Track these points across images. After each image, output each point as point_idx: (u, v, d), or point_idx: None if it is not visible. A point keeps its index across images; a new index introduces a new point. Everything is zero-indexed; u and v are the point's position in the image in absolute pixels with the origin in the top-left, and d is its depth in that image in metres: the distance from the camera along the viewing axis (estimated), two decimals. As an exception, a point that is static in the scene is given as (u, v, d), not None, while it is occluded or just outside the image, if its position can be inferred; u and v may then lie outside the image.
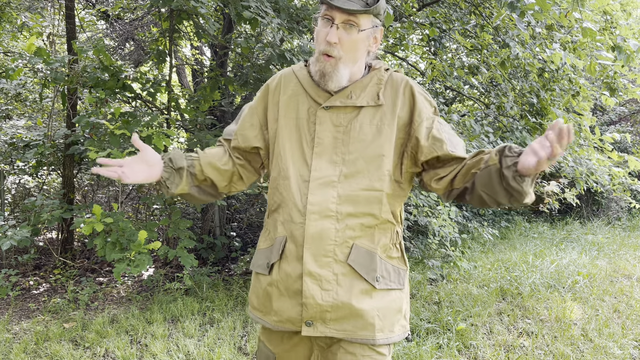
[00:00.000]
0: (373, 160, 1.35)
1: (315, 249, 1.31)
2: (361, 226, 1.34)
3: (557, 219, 9.14)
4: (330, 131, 1.37)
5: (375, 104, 1.38)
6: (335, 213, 1.32)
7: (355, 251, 1.32)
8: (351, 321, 1.32)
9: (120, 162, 1.36)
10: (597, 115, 9.94)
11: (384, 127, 1.37)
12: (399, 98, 1.40)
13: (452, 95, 6.96)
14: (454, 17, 4.56)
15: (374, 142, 1.36)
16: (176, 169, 1.42)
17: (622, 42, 3.18)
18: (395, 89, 1.41)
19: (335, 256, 1.32)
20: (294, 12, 4.01)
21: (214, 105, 5.10)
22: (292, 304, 1.35)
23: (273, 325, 1.39)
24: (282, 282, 1.36)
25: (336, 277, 1.32)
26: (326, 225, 1.31)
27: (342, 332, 1.33)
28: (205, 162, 1.46)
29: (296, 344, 1.41)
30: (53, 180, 6.43)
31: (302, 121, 1.40)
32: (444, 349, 3.24)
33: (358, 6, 1.31)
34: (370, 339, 1.32)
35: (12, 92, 5.90)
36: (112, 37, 6.67)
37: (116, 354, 3.16)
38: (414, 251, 5.76)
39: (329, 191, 1.33)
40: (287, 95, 1.44)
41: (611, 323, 3.77)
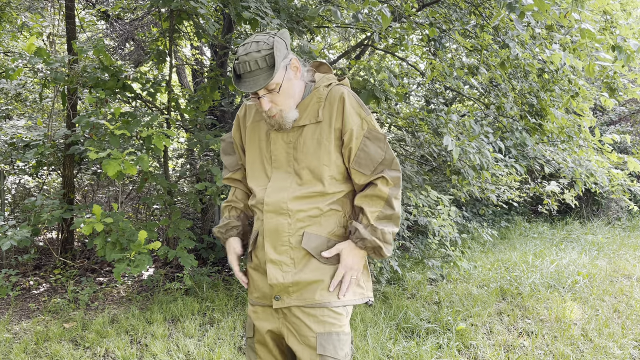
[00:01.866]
0: (315, 168, 1.65)
1: (273, 240, 1.65)
2: (309, 218, 1.64)
3: (557, 219, 9.14)
4: (283, 148, 1.69)
5: (315, 121, 1.67)
6: (286, 210, 1.63)
7: (306, 237, 1.64)
8: (309, 291, 1.63)
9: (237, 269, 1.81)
10: (597, 115, 9.94)
11: (322, 140, 1.66)
12: (334, 111, 1.66)
13: (452, 95, 6.96)
14: (453, 17, 4.56)
15: (315, 153, 1.65)
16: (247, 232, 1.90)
17: (622, 42, 3.19)
18: (331, 103, 1.67)
19: (290, 244, 1.64)
20: (293, 12, 4.01)
21: (214, 105, 5.10)
22: (264, 283, 1.69)
23: (254, 301, 1.75)
24: (257, 266, 1.73)
25: (293, 260, 1.64)
26: (280, 221, 1.64)
27: (302, 300, 1.63)
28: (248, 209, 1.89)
29: (269, 314, 1.71)
30: (53, 180, 6.43)
31: (262, 143, 1.74)
32: (444, 349, 3.24)
33: (262, 82, 1.55)
34: (327, 302, 1.63)
35: (12, 92, 5.91)
36: (112, 37, 6.67)
37: (116, 354, 3.16)
38: (414, 251, 5.76)
39: (281, 194, 1.65)
40: (250, 122, 1.78)
41: (611, 323, 3.78)
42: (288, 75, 1.62)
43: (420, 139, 4.70)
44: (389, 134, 6.38)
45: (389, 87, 3.82)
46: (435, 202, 4.60)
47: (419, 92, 7.30)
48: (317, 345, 1.59)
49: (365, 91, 3.73)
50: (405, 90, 4.52)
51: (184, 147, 6.65)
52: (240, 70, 1.57)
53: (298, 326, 1.63)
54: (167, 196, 4.49)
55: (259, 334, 1.74)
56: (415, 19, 4.37)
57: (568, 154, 5.03)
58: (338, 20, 3.75)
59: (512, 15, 3.25)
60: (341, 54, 5.75)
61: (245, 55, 1.55)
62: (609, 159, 4.98)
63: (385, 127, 6.24)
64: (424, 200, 4.40)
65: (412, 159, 5.30)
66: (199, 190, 4.52)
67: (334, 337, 1.61)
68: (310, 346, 1.60)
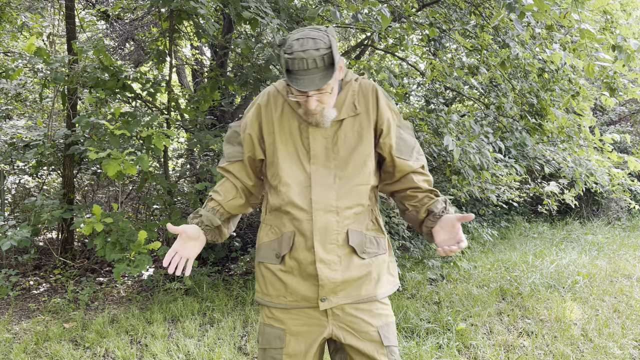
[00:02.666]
0: (359, 162, 1.63)
1: (323, 239, 1.59)
2: (354, 215, 1.63)
3: (557, 219, 9.14)
4: (321, 143, 1.63)
5: (354, 114, 1.65)
6: (335, 208, 1.60)
7: (351, 234, 1.62)
8: (354, 288, 1.62)
9: (173, 251, 1.61)
10: (597, 115, 9.94)
11: (363, 132, 1.65)
12: (370, 104, 1.66)
13: (452, 95, 6.96)
14: (453, 17, 4.56)
15: (358, 146, 1.64)
16: (215, 227, 1.70)
17: (622, 42, 3.18)
18: (365, 96, 1.67)
19: (337, 242, 1.61)
20: (293, 12, 4.02)
21: (214, 105, 5.10)
22: (307, 285, 1.62)
23: (288, 304, 1.64)
24: (296, 268, 1.62)
25: (340, 258, 1.61)
26: (329, 219, 1.59)
27: (350, 297, 1.62)
28: (228, 206, 1.73)
29: (310, 315, 1.64)
30: (53, 180, 6.43)
31: (295, 136, 1.65)
32: (444, 349, 3.24)
33: (318, 83, 1.48)
34: (373, 295, 1.64)
35: (12, 92, 5.91)
36: (112, 37, 6.67)
37: (116, 354, 3.16)
38: (414, 251, 5.75)
39: (328, 191, 1.60)
40: (278, 113, 1.67)
41: (611, 323, 3.78)
42: (338, 77, 1.59)
43: (420, 139, 4.70)
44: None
45: (389, 87, 3.82)
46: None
47: (419, 92, 7.31)
48: (382, 338, 1.61)
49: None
50: (405, 90, 4.52)
51: (184, 147, 6.66)
52: (295, 66, 1.47)
53: (356, 324, 1.62)
54: (167, 196, 4.49)
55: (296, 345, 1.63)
56: (415, 19, 4.37)
57: (568, 153, 5.02)
58: (338, 20, 3.75)
59: (512, 15, 3.25)
60: (341, 54, 5.75)
61: (302, 52, 1.46)
62: (609, 158, 4.98)
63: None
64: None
65: (412, 159, 5.29)
66: (199, 190, 4.52)
67: (391, 327, 1.66)
68: (374, 340, 1.61)
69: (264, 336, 1.68)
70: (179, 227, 1.60)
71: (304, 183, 1.62)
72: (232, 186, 1.73)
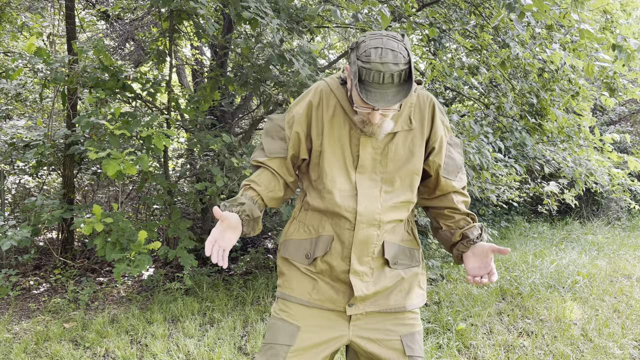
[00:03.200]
0: (407, 178, 1.59)
1: (360, 252, 1.55)
2: (392, 228, 1.60)
3: (556, 219, 9.14)
4: (370, 154, 1.56)
5: (408, 128, 1.58)
6: (378, 222, 1.55)
7: (387, 246, 1.58)
8: (382, 297, 1.59)
9: (213, 238, 1.47)
10: (597, 115, 9.94)
11: (415, 148, 1.59)
12: (425, 119, 1.59)
13: (452, 95, 6.96)
14: (453, 17, 4.56)
15: (408, 162, 1.58)
16: (254, 219, 1.57)
17: (622, 42, 3.18)
18: (422, 110, 1.60)
19: (373, 255, 1.57)
20: (293, 12, 4.01)
21: (214, 105, 5.10)
22: (335, 289, 1.58)
23: (311, 302, 1.58)
24: (327, 272, 1.59)
25: (372, 270, 1.58)
26: (371, 232, 1.55)
27: (378, 306, 1.58)
28: (268, 197, 1.62)
29: (331, 319, 1.58)
30: (53, 180, 6.43)
31: (344, 142, 1.57)
32: (444, 349, 3.24)
33: (391, 100, 1.38)
34: (402, 307, 1.60)
35: (12, 92, 5.90)
36: (112, 37, 6.67)
37: (116, 354, 3.16)
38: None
39: (374, 204, 1.55)
40: (329, 114, 1.58)
41: (611, 323, 3.78)
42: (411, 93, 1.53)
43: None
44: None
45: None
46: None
47: (419, 92, 7.29)
48: (404, 347, 1.56)
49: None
50: (405, 90, 4.51)
51: (184, 147, 6.65)
52: (369, 77, 1.36)
53: (378, 331, 1.57)
54: (167, 196, 4.49)
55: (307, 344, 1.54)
56: (415, 19, 4.37)
57: (568, 153, 5.03)
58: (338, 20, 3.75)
59: (512, 15, 3.25)
60: (341, 54, 5.75)
61: (381, 64, 1.35)
62: (609, 158, 4.98)
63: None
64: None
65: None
66: (199, 190, 4.52)
67: (417, 337, 1.60)
68: (396, 349, 1.56)
69: (273, 330, 1.58)
70: (225, 212, 1.48)
71: (349, 192, 1.56)
72: (273, 177, 1.62)
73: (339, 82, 1.59)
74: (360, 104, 1.44)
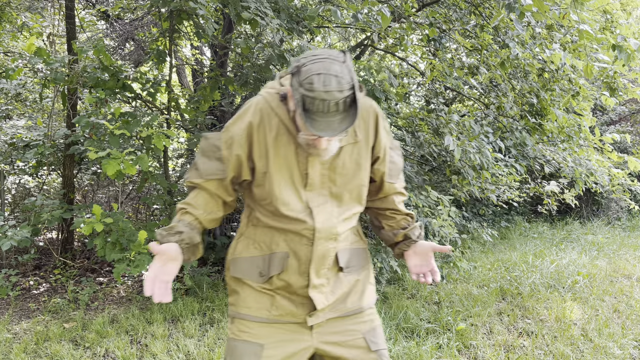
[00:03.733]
0: (355, 190, 1.58)
1: (318, 266, 1.55)
2: (345, 240, 1.61)
3: (557, 219, 9.14)
4: (318, 170, 1.53)
5: (354, 141, 1.56)
6: (335, 235, 1.55)
7: (340, 254, 1.60)
8: (341, 301, 1.61)
9: (153, 275, 1.43)
10: (597, 115, 9.93)
11: (361, 160, 1.57)
12: (370, 129, 1.58)
13: (452, 95, 6.96)
14: (453, 17, 4.56)
15: (355, 176, 1.57)
16: (195, 245, 1.52)
17: (622, 42, 3.18)
18: (365, 121, 1.58)
19: (328, 266, 1.58)
20: (293, 12, 4.01)
21: (214, 105, 5.10)
22: (294, 303, 1.57)
23: (271, 318, 1.55)
24: (284, 288, 1.57)
25: (328, 281, 1.59)
26: (329, 246, 1.55)
27: (337, 311, 1.60)
28: (206, 220, 1.56)
29: (293, 330, 1.56)
30: (53, 180, 6.43)
31: (291, 161, 1.51)
32: (444, 349, 3.24)
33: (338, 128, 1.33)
34: (359, 308, 1.63)
35: (12, 92, 5.90)
36: (112, 37, 6.67)
37: (116, 354, 3.16)
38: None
39: (330, 219, 1.54)
40: (272, 135, 1.50)
41: (611, 323, 3.78)
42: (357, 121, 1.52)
43: (420, 139, 4.70)
44: (389, 134, 6.37)
45: (389, 87, 3.82)
46: (436, 203, 4.60)
47: (419, 92, 7.31)
48: (368, 344, 1.58)
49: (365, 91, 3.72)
50: (405, 90, 4.52)
51: (184, 147, 6.65)
52: (313, 107, 1.30)
53: (341, 333, 1.59)
54: (167, 196, 4.49)
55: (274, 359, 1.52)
56: (415, 19, 4.37)
57: (568, 153, 5.02)
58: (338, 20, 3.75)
59: (512, 16, 3.25)
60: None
61: (325, 93, 1.29)
62: (609, 158, 4.98)
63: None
64: (424, 200, 4.40)
65: (412, 159, 5.30)
66: (199, 190, 4.51)
67: (378, 331, 1.64)
68: (361, 347, 1.58)
69: (235, 354, 1.52)
70: (162, 246, 1.43)
71: (302, 210, 1.51)
72: (210, 199, 1.55)
73: (279, 98, 1.50)
74: (306, 132, 1.40)
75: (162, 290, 1.43)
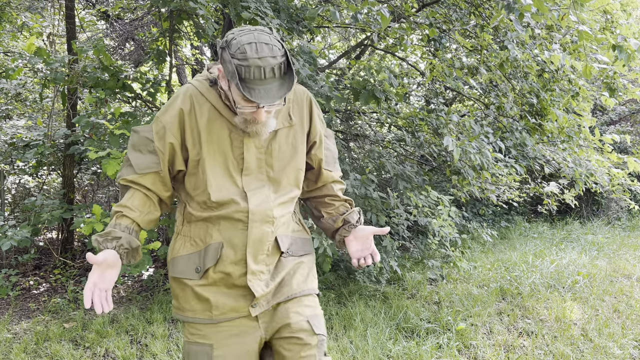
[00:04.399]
0: (292, 174, 1.60)
1: (255, 251, 1.53)
2: (284, 225, 1.61)
3: (557, 219, 9.14)
4: (254, 154, 1.53)
5: (289, 125, 1.58)
6: (272, 218, 1.54)
7: (281, 240, 1.59)
8: (285, 288, 1.58)
9: (92, 284, 1.41)
10: (597, 115, 9.93)
11: (297, 144, 1.60)
12: (304, 113, 1.62)
13: (452, 95, 6.96)
14: (453, 17, 4.56)
15: (292, 159, 1.59)
16: (134, 249, 1.50)
17: (622, 42, 3.18)
18: (300, 105, 1.61)
19: (267, 252, 1.56)
20: (293, 12, 4.01)
21: (214, 106, 5.09)
22: (234, 297, 1.54)
23: (214, 318, 1.52)
24: (222, 281, 1.53)
25: (268, 267, 1.57)
26: (265, 229, 1.53)
27: (281, 295, 1.57)
28: (144, 222, 1.54)
29: (240, 325, 1.54)
30: (53, 180, 6.43)
31: (225, 147, 1.51)
32: (444, 349, 3.24)
33: (276, 94, 1.34)
34: (303, 290, 1.61)
35: (12, 92, 5.90)
36: (112, 37, 6.67)
37: (116, 354, 3.16)
38: (413, 251, 5.76)
39: (266, 203, 1.54)
40: (204, 119, 1.49)
41: (611, 323, 3.78)
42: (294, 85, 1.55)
43: (420, 139, 4.70)
44: (389, 134, 6.38)
45: (389, 87, 3.82)
46: (436, 203, 4.60)
47: (419, 92, 7.31)
48: (312, 326, 1.55)
49: (365, 91, 3.73)
50: (405, 90, 4.52)
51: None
52: (250, 75, 1.31)
53: (286, 317, 1.55)
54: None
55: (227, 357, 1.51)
56: (415, 19, 4.37)
57: (568, 153, 5.02)
58: (338, 20, 3.75)
59: (511, 16, 3.25)
60: (341, 54, 5.75)
61: (259, 60, 1.31)
62: (609, 158, 4.98)
63: (385, 127, 6.23)
64: (424, 200, 4.40)
65: (412, 159, 5.31)
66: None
67: (321, 319, 1.62)
68: (306, 330, 1.54)
69: (190, 356, 1.53)
70: (99, 256, 1.40)
71: (237, 194, 1.50)
72: (146, 199, 1.52)
73: (208, 84, 1.51)
74: (244, 104, 1.38)
75: (103, 300, 1.41)
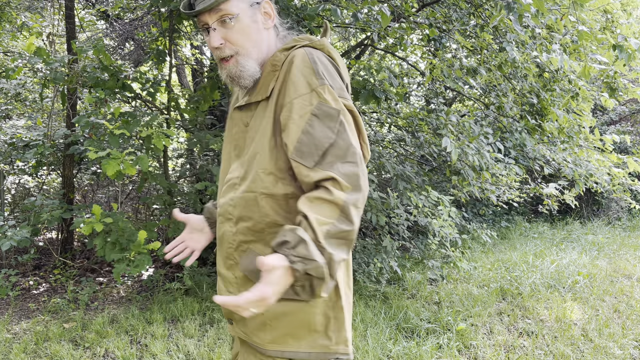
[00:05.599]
0: (252, 160, 1.22)
1: (221, 251, 1.28)
2: (251, 230, 1.20)
3: (557, 219, 9.14)
4: (242, 132, 1.28)
5: (266, 97, 1.23)
6: (232, 216, 1.23)
7: (246, 257, 1.21)
8: (249, 324, 1.23)
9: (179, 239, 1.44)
10: (597, 115, 9.93)
11: (263, 120, 1.22)
12: (280, 79, 1.21)
13: (452, 95, 6.96)
14: (453, 17, 4.55)
15: (254, 141, 1.23)
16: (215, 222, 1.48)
17: (623, 41, 3.18)
18: (283, 69, 1.21)
19: (235, 260, 1.24)
20: (293, 11, 4.01)
21: (214, 105, 5.10)
22: None
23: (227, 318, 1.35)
24: (222, 283, 1.35)
25: (237, 280, 1.24)
26: (226, 229, 1.25)
27: (243, 334, 1.26)
28: None
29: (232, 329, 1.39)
30: (53, 180, 6.42)
31: (230, 128, 1.34)
32: (444, 349, 3.24)
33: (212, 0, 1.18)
34: (261, 346, 1.21)
35: (12, 92, 5.90)
36: (112, 37, 6.66)
37: (116, 354, 3.16)
38: (413, 251, 5.76)
39: (229, 194, 1.24)
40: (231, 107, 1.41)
41: (611, 323, 3.77)
42: (254, 15, 1.24)
43: (420, 139, 4.70)
44: (389, 134, 6.37)
45: (389, 87, 3.82)
46: (436, 203, 4.60)
47: (419, 92, 7.30)
48: None
49: (365, 91, 3.73)
50: (405, 90, 4.52)
51: (184, 147, 6.65)
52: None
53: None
54: (167, 196, 4.49)
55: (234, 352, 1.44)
56: (415, 19, 4.37)
57: (568, 154, 5.02)
58: (338, 19, 3.75)
59: (511, 16, 3.25)
60: (341, 54, 5.75)
61: None
62: (609, 159, 4.98)
63: (385, 127, 6.23)
64: (424, 200, 4.40)
65: (412, 159, 5.30)
66: (199, 190, 4.52)
67: None
68: None
69: None
70: (187, 215, 1.43)
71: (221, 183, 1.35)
72: None
73: None
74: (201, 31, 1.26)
75: (183, 253, 1.44)
